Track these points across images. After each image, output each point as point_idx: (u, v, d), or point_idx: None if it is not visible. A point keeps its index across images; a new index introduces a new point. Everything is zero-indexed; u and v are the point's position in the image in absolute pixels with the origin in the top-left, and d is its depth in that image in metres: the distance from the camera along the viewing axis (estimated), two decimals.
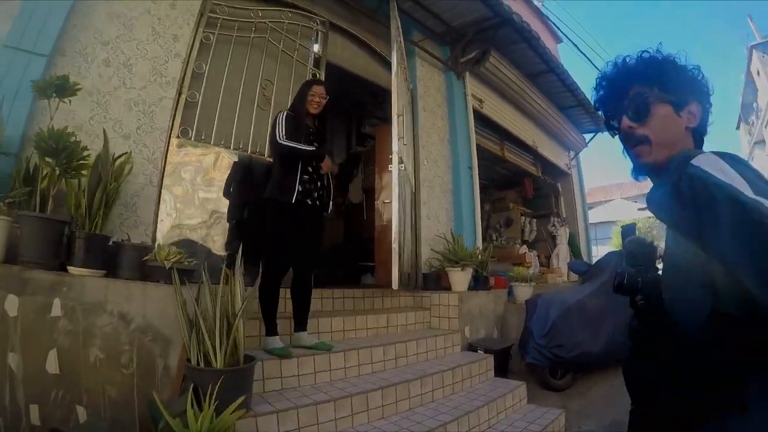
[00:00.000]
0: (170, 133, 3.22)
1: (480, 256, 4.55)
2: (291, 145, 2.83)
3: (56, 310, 2.12)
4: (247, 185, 3.55)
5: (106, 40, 3.08)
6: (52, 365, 2.06)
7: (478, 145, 5.88)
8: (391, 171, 3.77)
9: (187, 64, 3.38)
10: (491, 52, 5.65)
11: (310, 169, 2.91)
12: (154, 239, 3.06)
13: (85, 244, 2.44)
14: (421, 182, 4.99)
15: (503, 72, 6.11)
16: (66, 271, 2.35)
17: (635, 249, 1.00)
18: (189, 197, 3.27)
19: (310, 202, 2.87)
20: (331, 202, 3.05)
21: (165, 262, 2.44)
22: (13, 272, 2.12)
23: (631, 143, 0.90)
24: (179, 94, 3.31)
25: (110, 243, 2.56)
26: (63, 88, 2.54)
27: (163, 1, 3.34)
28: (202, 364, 2.13)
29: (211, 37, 3.56)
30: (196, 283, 2.31)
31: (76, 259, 2.40)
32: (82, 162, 2.60)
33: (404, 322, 3.87)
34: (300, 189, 2.82)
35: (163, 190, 3.15)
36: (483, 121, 6.34)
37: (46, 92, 2.48)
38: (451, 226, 5.20)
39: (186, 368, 2.22)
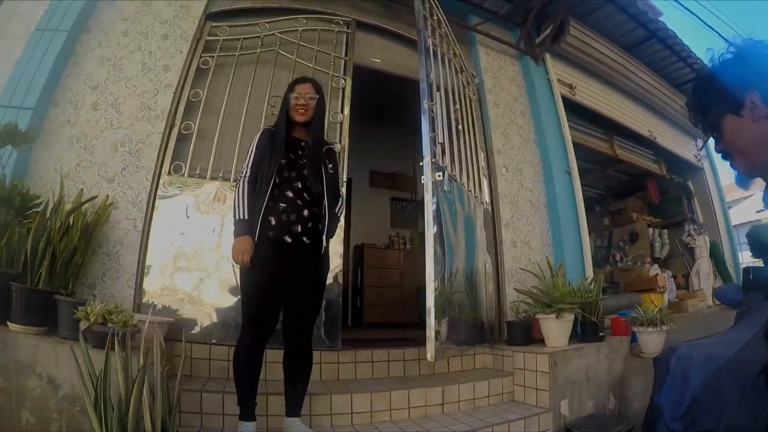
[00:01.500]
0: (159, 171, 2.96)
1: (586, 293, 3.26)
2: (239, 197, 2.15)
3: None
4: None
5: (96, 84, 3.02)
6: None
7: (578, 144, 4.62)
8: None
9: (180, 94, 3.15)
10: (570, 22, 4.45)
11: (290, 194, 2.20)
12: (138, 291, 2.76)
13: (24, 298, 2.23)
14: (501, 197, 3.94)
15: (592, 46, 4.80)
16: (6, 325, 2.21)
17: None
18: (181, 240, 2.93)
19: (289, 240, 2.15)
20: (324, 237, 2.24)
21: (84, 321, 2.06)
22: None
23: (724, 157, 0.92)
24: (170, 127, 3.06)
25: (54, 298, 2.29)
26: (12, 136, 2.44)
27: (154, 37, 3.20)
28: None
29: (210, 61, 3.30)
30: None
31: (13, 314, 2.21)
32: (34, 211, 2.43)
33: (471, 396, 2.81)
34: (272, 222, 2.15)
35: (150, 235, 2.87)
36: (579, 112, 4.99)
37: None
38: (548, 253, 3.96)
39: None
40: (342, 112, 3.48)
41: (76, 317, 2.09)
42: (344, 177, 3.27)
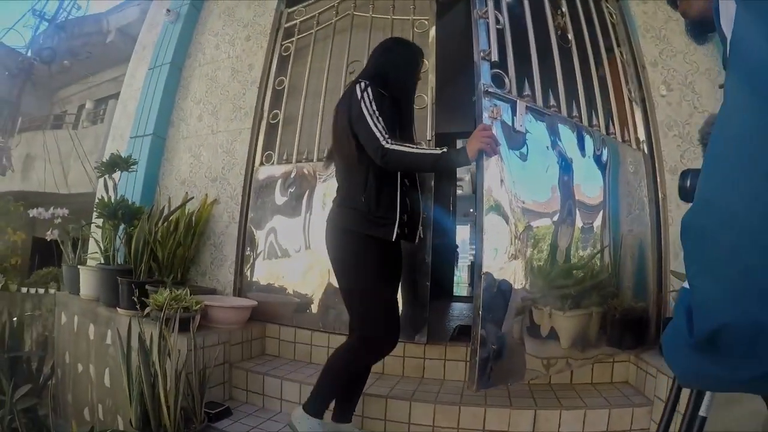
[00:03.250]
0: (252, 164, 3.11)
1: None
2: (411, 150, 1.74)
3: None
4: None
5: (199, 99, 3.39)
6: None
7: None
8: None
9: (265, 87, 3.27)
10: None
11: (407, 182, 1.92)
12: (238, 276, 2.93)
13: (126, 288, 2.60)
14: (663, 130, 2.82)
15: None
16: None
17: None
18: (274, 225, 2.99)
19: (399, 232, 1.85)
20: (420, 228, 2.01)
21: (152, 306, 2.25)
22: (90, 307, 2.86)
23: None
24: (259, 120, 3.20)
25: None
26: (113, 165, 2.88)
27: (239, 41, 3.44)
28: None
29: (291, 46, 3.35)
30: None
31: (120, 300, 2.66)
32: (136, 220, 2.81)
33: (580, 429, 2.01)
34: (404, 218, 1.86)
35: (249, 224, 3.02)
36: None
37: (101, 170, 2.87)
38: None
39: None
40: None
41: (147, 302, 2.32)
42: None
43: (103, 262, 2.91)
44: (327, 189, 2.92)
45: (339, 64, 3.18)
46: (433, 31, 3.11)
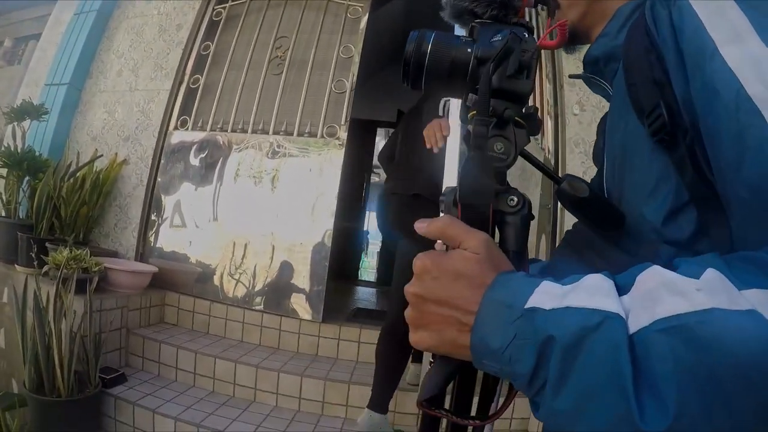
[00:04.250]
0: (167, 127, 3.10)
1: None
2: None
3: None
4: None
5: (121, 53, 3.32)
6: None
7: None
8: None
9: (191, 50, 3.24)
10: None
11: None
12: (141, 240, 2.94)
13: (25, 245, 2.57)
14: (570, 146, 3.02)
15: None
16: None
17: None
18: (182, 192, 3.01)
19: None
20: None
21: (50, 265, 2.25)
22: None
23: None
24: (180, 83, 3.17)
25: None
26: (24, 113, 2.79)
27: None
28: None
29: (222, 12, 3.32)
30: None
31: (19, 257, 2.62)
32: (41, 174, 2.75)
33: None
34: None
35: (156, 189, 3.01)
36: None
37: (10, 117, 2.78)
38: None
39: None
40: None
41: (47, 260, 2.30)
42: None
43: (3, 214, 2.84)
44: (240, 160, 2.96)
45: (267, 38, 3.19)
46: (365, 20, 3.16)
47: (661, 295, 0.35)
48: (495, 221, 0.46)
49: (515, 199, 0.46)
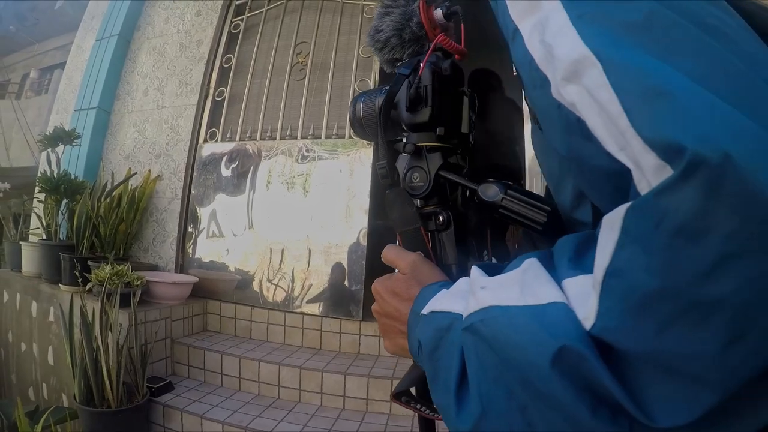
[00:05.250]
0: (196, 141, 3.19)
1: None
2: None
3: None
4: None
5: (146, 73, 3.43)
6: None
7: None
8: None
9: (213, 64, 3.34)
10: None
11: None
12: (180, 252, 3.02)
13: (68, 264, 2.65)
14: None
15: None
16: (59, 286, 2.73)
17: None
18: (217, 202, 3.09)
19: None
20: None
21: (93, 281, 2.34)
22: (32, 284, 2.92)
23: None
24: (205, 97, 3.27)
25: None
26: (57, 138, 2.90)
27: (189, 15, 3.47)
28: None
29: (240, 24, 3.42)
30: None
31: (63, 277, 2.71)
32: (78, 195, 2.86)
33: None
34: None
35: (191, 201, 3.10)
36: None
37: (44, 144, 2.89)
38: None
39: None
40: None
41: (89, 278, 2.40)
42: None
43: (45, 237, 2.95)
44: (271, 167, 3.04)
45: (287, 44, 3.27)
46: None
47: (473, 292, 0.37)
48: (433, 239, 0.53)
49: (441, 218, 0.53)
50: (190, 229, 3.09)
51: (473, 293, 0.36)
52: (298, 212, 2.94)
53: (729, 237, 0.24)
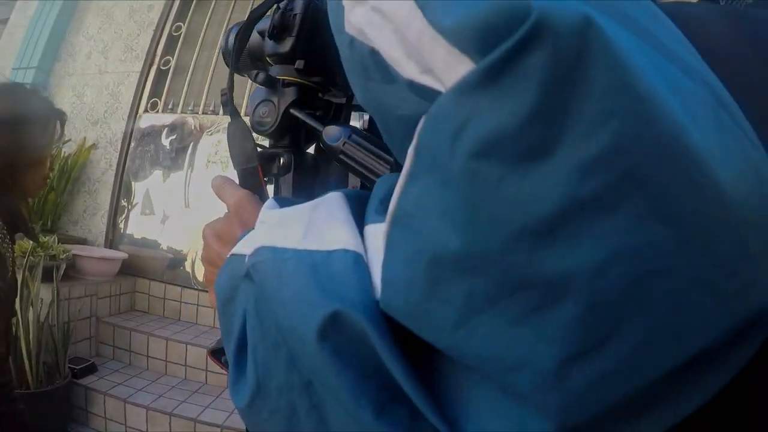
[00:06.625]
0: (136, 110, 3.08)
1: None
2: None
3: None
4: None
5: (91, 35, 3.29)
6: None
7: None
8: None
9: (162, 31, 3.22)
10: None
11: None
12: (110, 227, 2.93)
13: None
14: None
15: None
16: None
17: None
18: (153, 177, 3.00)
19: None
20: None
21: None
22: None
23: None
24: (150, 65, 3.15)
25: None
26: None
27: None
28: None
29: None
30: None
31: None
32: None
33: None
34: None
35: (126, 174, 3.00)
36: None
37: None
38: None
39: None
40: None
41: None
42: None
43: None
44: (212, 144, 2.95)
45: (241, 17, 3.14)
46: None
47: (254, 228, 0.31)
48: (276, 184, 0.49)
49: (282, 160, 0.48)
50: (123, 203, 2.99)
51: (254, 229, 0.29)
52: None
53: (590, 159, 0.16)
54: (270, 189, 0.49)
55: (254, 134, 0.49)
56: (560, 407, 0.16)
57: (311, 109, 0.49)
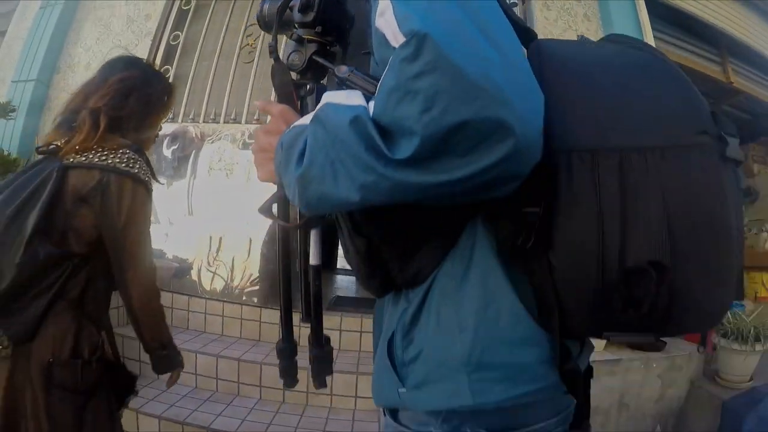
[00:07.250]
0: None
1: None
2: None
3: None
4: None
5: (89, 46, 3.32)
6: None
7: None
8: None
9: (160, 40, 3.25)
10: None
11: None
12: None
13: None
14: None
15: None
16: None
17: None
18: (156, 186, 3.02)
19: None
20: None
21: None
22: None
23: None
24: None
25: None
26: None
27: None
28: None
29: (192, 1, 3.33)
30: None
31: None
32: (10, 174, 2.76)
33: None
34: None
35: None
36: (671, 19, 3.52)
37: None
38: None
39: None
40: None
41: None
42: None
43: None
44: (214, 152, 2.98)
45: (237, 26, 3.20)
46: None
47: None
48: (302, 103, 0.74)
49: (308, 86, 0.73)
50: None
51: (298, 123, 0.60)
52: (240, 200, 2.89)
53: (424, 69, 0.44)
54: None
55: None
56: (422, 131, 0.45)
57: (325, 57, 0.73)
